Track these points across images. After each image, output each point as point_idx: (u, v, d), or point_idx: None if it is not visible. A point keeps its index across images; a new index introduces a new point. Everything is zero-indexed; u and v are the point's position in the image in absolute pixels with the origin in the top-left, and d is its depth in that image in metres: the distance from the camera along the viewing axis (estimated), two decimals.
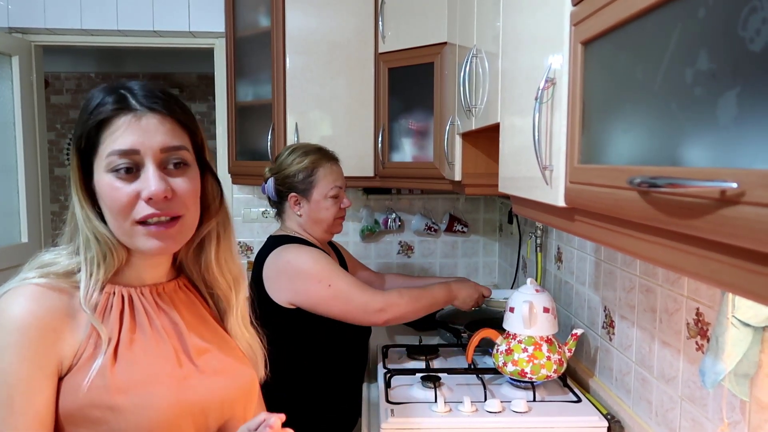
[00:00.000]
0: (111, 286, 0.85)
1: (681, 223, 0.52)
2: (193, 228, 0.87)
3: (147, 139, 0.80)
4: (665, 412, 1.23)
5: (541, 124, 0.90)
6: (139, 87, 0.83)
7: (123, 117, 0.80)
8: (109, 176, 0.80)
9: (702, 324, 1.09)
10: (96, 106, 0.81)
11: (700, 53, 0.49)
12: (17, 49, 2.65)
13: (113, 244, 0.83)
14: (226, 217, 0.94)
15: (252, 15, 2.51)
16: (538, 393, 1.48)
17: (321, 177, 1.71)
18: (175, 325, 0.88)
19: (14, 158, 2.70)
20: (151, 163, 0.80)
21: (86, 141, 0.81)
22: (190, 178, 0.84)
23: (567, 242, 1.84)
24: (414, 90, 2.22)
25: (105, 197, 0.81)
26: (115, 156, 0.79)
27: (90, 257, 0.83)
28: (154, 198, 0.79)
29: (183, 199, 0.83)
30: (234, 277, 0.96)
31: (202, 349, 0.88)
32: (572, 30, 0.79)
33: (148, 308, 0.86)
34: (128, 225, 0.81)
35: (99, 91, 0.83)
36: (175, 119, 0.83)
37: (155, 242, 0.81)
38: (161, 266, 0.91)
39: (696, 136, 0.51)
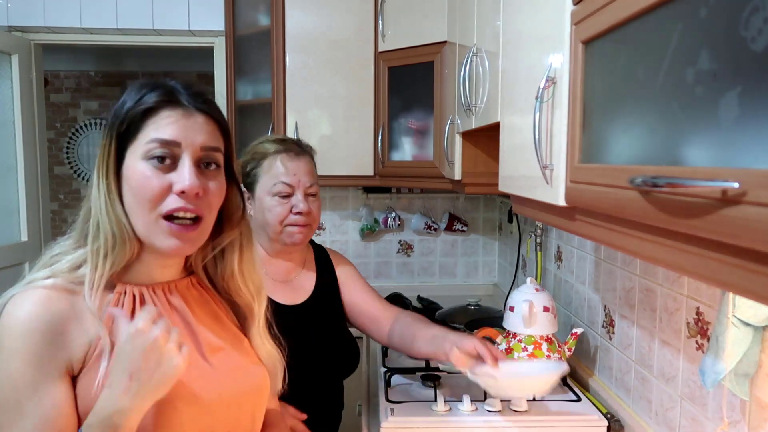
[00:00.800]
0: (122, 286, 0.84)
1: (682, 222, 0.52)
2: (207, 233, 0.87)
3: (190, 134, 0.81)
4: (665, 412, 1.23)
5: (541, 123, 0.90)
6: (184, 86, 0.85)
7: (170, 109, 0.81)
8: (144, 164, 0.80)
9: (702, 323, 1.09)
10: (143, 95, 0.82)
11: (701, 53, 0.49)
12: (17, 48, 2.65)
13: (129, 235, 0.81)
14: (248, 228, 0.95)
15: (252, 14, 2.50)
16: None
17: (265, 169, 1.42)
18: (188, 323, 0.88)
19: (14, 157, 2.70)
20: (189, 158, 0.81)
21: (128, 126, 0.81)
22: (219, 182, 0.86)
23: (567, 241, 1.84)
24: (414, 89, 2.22)
25: (135, 185, 0.80)
26: (156, 144, 0.80)
27: (96, 247, 0.81)
28: (188, 192, 0.79)
29: (210, 201, 0.83)
30: (256, 288, 0.96)
31: (216, 347, 0.88)
32: (573, 29, 0.79)
33: (159, 306, 0.86)
34: (153, 217, 0.80)
35: (143, 85, 0.84)
36: (217, 124, 0.86)
37: (174, 242, 0.81)
38: (173, 267, 0.91)
39: (697, 135, 0.51)
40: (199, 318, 0.90)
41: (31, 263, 2.75)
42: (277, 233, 1.42)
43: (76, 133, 5.14)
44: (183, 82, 0.86)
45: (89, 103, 5.14)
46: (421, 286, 2.77)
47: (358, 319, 1.53)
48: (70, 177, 5.18)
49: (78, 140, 5.15)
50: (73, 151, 5.15)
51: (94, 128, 5.15)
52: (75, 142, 5.14)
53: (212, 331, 0.90)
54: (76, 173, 5.17)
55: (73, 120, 5.15)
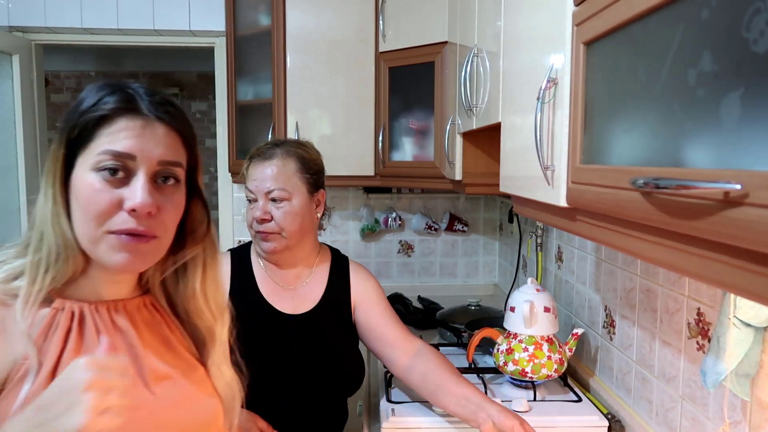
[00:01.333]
0: (61, 301, 0.76)
1: (683, 224, 0.52)
2: (164, 251, 0.80)
3: (148, 147, 0.74)
4: (665, 412, 1.23)
5: (542, 124, 0.90)
6: (145, 91, 0.77)
7: (128, 119, 0.75)
8: (94, 175, 0.73)
9: (703, 324, 1.09)
10: (99, 100, 0.75)
11: (703, 54, 0.49)
12: (17, 48, 2.65)
13: (72, 249, 0.74)
14: (212, 245, 0.87)
15: (252, 14, 2.50)
16: (539, 392, 1.48)
17: (247, 173, 1.41)
18: (131, 346, 0.79)
19: (14, 157, 2.70)
20: (144, 173, 0.74)
21: (80, 133, 0.74)
22: (177, 199, 0.79)
23: (567, 242, 1.84)
24: (414, 89, 2.22)
25: (82, 197, 0.73)
26: (109, 156, 0.73)
27: (37, 259, 0.74)
28: (139, 210, 0.72)
29: (164, 220, 0.76)
30: (219, 308, 0.88)
31: (162, 375, 0.80)
32: (574, 30, 0.79)
33: (100, 327, 0.78)
34: (99, 232, 0.73)
35: (101, 87, 0.77)
36: (179, 134, 0.79)
37: (123, 256, 0.74)
38: (123, 283, 0.83)
39: (699, 137, 0.51)
40: (147, 342, 0.81)
41: None
42: (253, 238, 1.41)
43: None
44: (143, 85, 0.78)
45: None
46: (422, 286, 2.77)
47: (373, 343, 1.44)
48: None
49: None
50: None
51: None
52: None
53: (160, 357, 0.81)
54: None
55: None
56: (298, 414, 1.36)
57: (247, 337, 1.34)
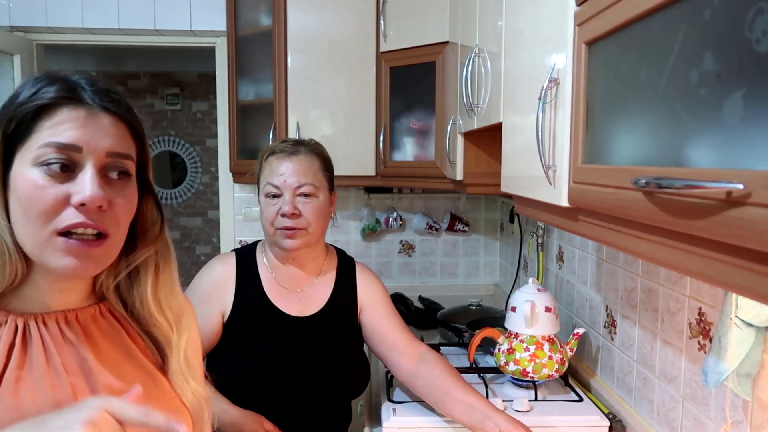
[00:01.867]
0: (3, 315, 0.70)
1: (685, 223, 0.52)
2: (116, 251, 0.74)
3: (94, 138, 0.68)
4: (667, 412, 1.23)
5: (544, 124, 0.90)
6: (87, 81, 0.71)
7: (70, 108, 0.69)
8: (36, 171, 0.67)
9: (704, 324, 1.09)
10: (37, 91, 0.69)
11: (705, 54, 0.49)
12: (19, 48, 2.65)
13: (10, 255, 0.68)
14: (165, 246, 0.81)
15: (253, 14, 2.51)
16: (540, 392, 1.48)
17: (263, 170, 1.41)
18: (83, 360, 0.72)
19: None
20: (92, 165, 0.68)
21: (16, 126, 0.68)
22: (128, 194, 0.73)
23: (568, 242, 1.84)
24: (415, 89, 2.22)
25: (23, 196, 0.67)
26: (51, 149, 0.67)
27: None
28: (89, 205, 0.67)
29: (116, 215, 0.71)
30: (175, 316, 0.82)
31: (117, 390, 0.72)
32: (576, 30, 0.79)
33: (47, 340, 0.71)
34: (45, 234, 0.67)
35: (39, 77, 0.70)
36: (128, 126, 0.73)
37: (72, 261, 0.68)
38: (74, 291, 0.76)
39: (701, 136, 0.51)
40: (103, 355, 0.75)
41: None
42: (270, 236, 1.38)
43: None
44: (88, 77, 0.72)
45: None
46: (423, 286, 2.77)
47: (377, 346, 1.43)
48: None
49: None
50: None
51: None
52: None
53: (117, 371, 0.75)
54: None
55: None
56: (299, 414, 1.36)
57: (250, 338, 1.36)
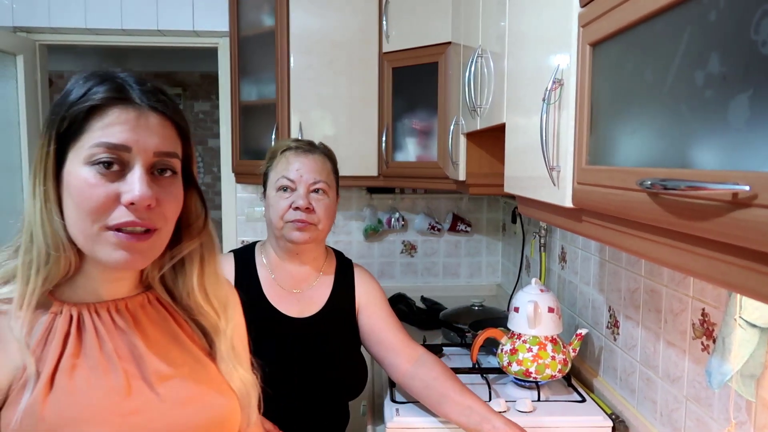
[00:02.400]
0: (59, 305, 0.74)
1: (691, 225, 0.53)
2: (163, 245, 0.77)
3: (143, 138, 0.71)
4: (670, 412, 1.23)
5: (548, 124, 0.90)
6: (135, 80, 0.74)
7: (120, 109, 0.71)
8: (88, 170, 0.70)
9: (708, 324, 1.09)
10: (88, 91, 0.71)
11: (711, 56, 0.49)
12: (22, 49, 2.66)
13: (65, 249, 0.71)
14: (210, 238, 0.84)
15: (256, 14, 2.51)
16: (543, 393, 1.48)
17: (275, 164, 1.41)
18: (134, 347, 0.77)
19: (18, 158, 2.71)
20: (141, 164, 0.71)
21: (69, 126, 0.71)
22: (175, 190, 0.76)
23: (571, 242, 1.84)
24: (418, 90, 2.22)
25: (76, 193, 0.70)
26: (102, 148, 0.69)
27: (28, 261, 0.71)
28: (138, 204, 0.70)
29: (164, 212, 0.73)
30: (221, 304, 0.85)
31: (166, 375, 0.77)
32: (580, 31, 0.79)
33: (100, 329, 0.76)
34: (96, 229, 0.70)
35: (89, 77, 0.73)
36: (174, 124, 0.76)
37: (123, 254, 0.71)
38: (124, 281, 0.80)
39: (706, 138, 0.51)
40: (151, 341, 0.79)
41: None
42: (278, 229, 1.37)
43: None
44: (136, 75, 0.75)
45: None
46: (425, 287, 2.77)
47: (374, 347, 1.43)
48: None
49: None
50: None
51: None
52: None
53: (165, 356, 0.79)
54: None
55: None
56: (298, 414, 1.36)
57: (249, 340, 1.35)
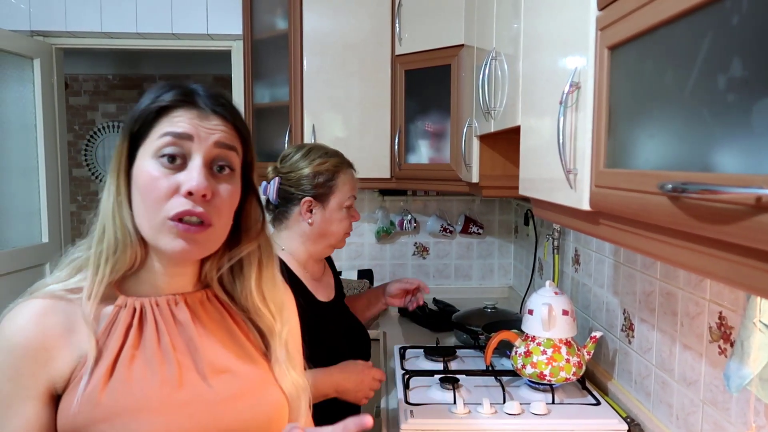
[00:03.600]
0: (123, 298, 0.79)
1: (712, 228, 0.53)
2: (219, 240, 0.81)
3: (204, 131, 0.77)
4: (686, 416, 1.23)
5: (565, 127, 0.90)
6: (203, 88, 0.81)
7: (185, 109, 0.78)
8: (153, 162, 0.76)
9: (725, 328, 1.08)
10: (158, 96, 0.79)
11: (733, 60, 0.49)
12: (39, 52, 2.69)
13: (132, 240, 0.77)
14: (267, 243, 0.88)
15: (269, 17, 2.53)
16: (557, 395, 1.48)
17: (342, 183, 1.50)
18: (190, 340, 0.81)
19: (35, 159, 2.75)
20: (200, 156, 0.76)
21: (141, 125, 0.78)
22: (232, 188, 0.80)
23: (585, 244, 1.83)
24: (430, 92, 2.23)
25: (142, 185, 0.76)
26: (168, 137, 0.76)
27: (99, 251, 0.77)
28: (195, 193, 0.74)
29: (218, 206, 0.78)
30: (277, 307, 0.88)
31: (221, 369, 0.81)
32: (598, 34, 0.79)
33: (159, 322, 0.80)
34: (159, 219, 0.75)
35: (161, 86, 0.81)
36: (234, 127, 0.81)
37: (180, 243, 0.75)
38: (184, 276, 0.84)
39: (728, 142, 0.51)
40: (208, 335, 0.82)
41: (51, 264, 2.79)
42: (337, 241, 1.53)
43: (94, 136, 5.21)
44: (204, 84, 0.82)
45: (107, 105, 5.20)
46: (437, 289, 2.77)
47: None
48: (88, 179, 5.24)
49: (96, 143, 5.21)
50: (91, 153, 5.21)
51: (112, 131, 5.21)
52: (93, 144, 5.21)
53: (220, 351, 0.82)
54: (93, 175, 5.24)
55: (91, 123, 5.21)
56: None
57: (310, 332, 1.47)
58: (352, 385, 1.39)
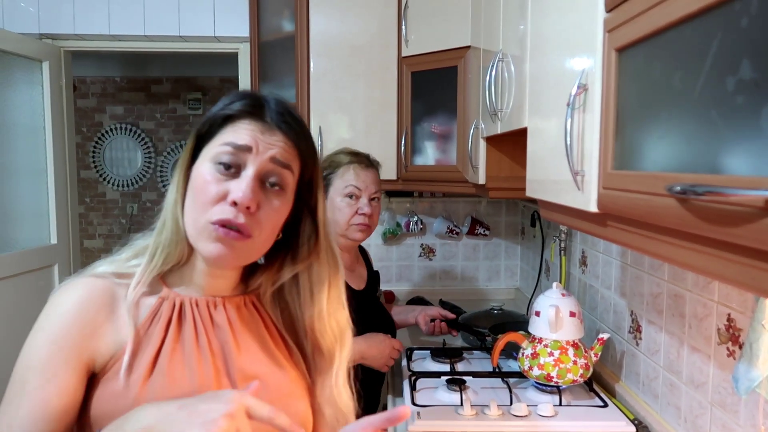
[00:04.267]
0: (167, 291, 0.82)
1: (721, 230, 0.52)
2: (257, 253, 0.82)
3: (263, 145, 0.79)
4: (694, 418, 1.22)
5: (572, 129, 0.90)
6: (274, 101, 0.83)
7: (251, 121, 0.80)
8: (210, 166, 0.78)
9: (733, 330, 1.08)
10: (232, 102, 0.81)
11: (742, 62, 0.49)
12: (47, 55, 2.71)
13: (180, 238, 0.80)
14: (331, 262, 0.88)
15: (276, 19, 2.54)
16: (564, 397, 1.48)
17: (339, 175, 1.67)
18: (225, 343, 0.82)
19: (44, 161, 2.77)
20: (254, 168, 0.78)
21: (209, 128, 0.81)
22: (279, 204, 0.81)
23: (592, 246, 1.83)
24: (437, 94, 2.23)
25: (195, 186, 0.79)
26: (228, 147, 0.78)
27: (157, 242, 0.81)
28: (240, 203, 0.75)
29: (261, 220, 0.78)
30: (340, 329, 0.89)
31: (249, 376, 0.81)
32: (606, 36, 0.79)
33: (198, 321, 0.82)
34: (203, 221, 0.77)
35: (236, 94, 0.83)
36: (295, 145, 0.82)
37: (217, 246, 0.77)
38: (224, 279, 0.85)
39: (738, 144, 0.51)
40: (241, 341, 0.84)
41: (60, 266, 2.81)
42: (344, 230, 1.66)
43: (102, 138, 5.24)
44: (278, 98, 0.84)
45: (115, 108, 5.23)
46: (443, 290, 2.77)
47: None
48: (95, 180, 5.27)
49: (103, 144, 5.24)
50: (98, 155, 5.24)
51: (119, 133, 5.24)
52: (101, 146, 5.24)
53: (250, 358, 0.83)
54: (101, 177, 5.27)
55: (98, 125, 5.24)
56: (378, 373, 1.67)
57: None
58: (375, 352, 1.58)
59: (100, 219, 5.31)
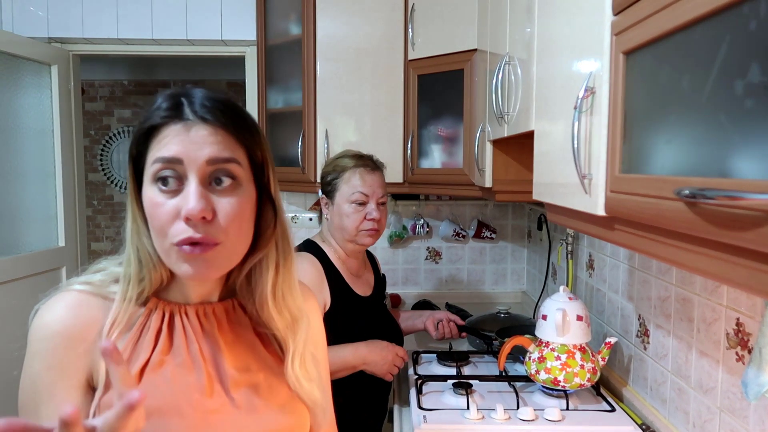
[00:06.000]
0: (155, 302, 0.80)
1: (730, 234, 0.52)
2: (234, 255, 0.77)
3: (192, 150, 0.72)
4: (703, 423, 1.21)
5: (580, 132, 0.90)
6: (199, 95, 0.76)
7: (172, 125, 0.73)
8: (153, 189, 0.73)
9: (742, 334, 1.07)
10: (151, 112, 0.75)
11: (751, 65, 0.49)
12: (56, 59, 2.73)
13: (154, 263, 0.77)
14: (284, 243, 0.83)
15: (283, 23, 2.54)
16: (571, 401, 1.47)
17: (345, 180, 1.65)
18: (215, 350, 0.81)
19: (52, 164, 2.78)
20: (195, 176, 0.72)
21: (136, 148, 0.76)
22: (238, 199, 0.75)
23: (599, 249, 1.82)
24: (443, 97, 2.23)
25: (148, 212, 0.74)
26: (159, 163, 0.72)
27: (127, 274, 0.78)
28: (192, 217, 0.71)
29: (223, 224, 0.73)
30: (292, 316, 0.84)
31: (240, 381, 0.80)
32: (613, 39, 0.79)
33: (188, 329, 0.80)
34: (167, 245, 0.73)
35: (161, 96, 0.77)
36: (228, 132, 0.75)
37: (188, 267, 0.73)
38: (207, 285, 0.83)
39: (747, 147, 0.51)
40: (231, 346, 0.82)
41: (68, 268, 2.82)
42: (352, 236, 1.64)
43: (110, 141, 5.27)
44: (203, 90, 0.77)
45: (122, 111, 5.26)
46: (449, 293, 2.76)
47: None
48: (103, 183, 5.30)
49: (111, 147, 5.27)
50: (106, 158, 5.27)
51: (127, 136, 5.26)
52: (108, 149, 5.27)
53: (240, 363, 0.81)
54: (109, 180, 5.29)
55: (106, 128, 5.27)
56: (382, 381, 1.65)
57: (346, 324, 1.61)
58: (378, 358, 1.56)
59: (108, 222, 5.33)
